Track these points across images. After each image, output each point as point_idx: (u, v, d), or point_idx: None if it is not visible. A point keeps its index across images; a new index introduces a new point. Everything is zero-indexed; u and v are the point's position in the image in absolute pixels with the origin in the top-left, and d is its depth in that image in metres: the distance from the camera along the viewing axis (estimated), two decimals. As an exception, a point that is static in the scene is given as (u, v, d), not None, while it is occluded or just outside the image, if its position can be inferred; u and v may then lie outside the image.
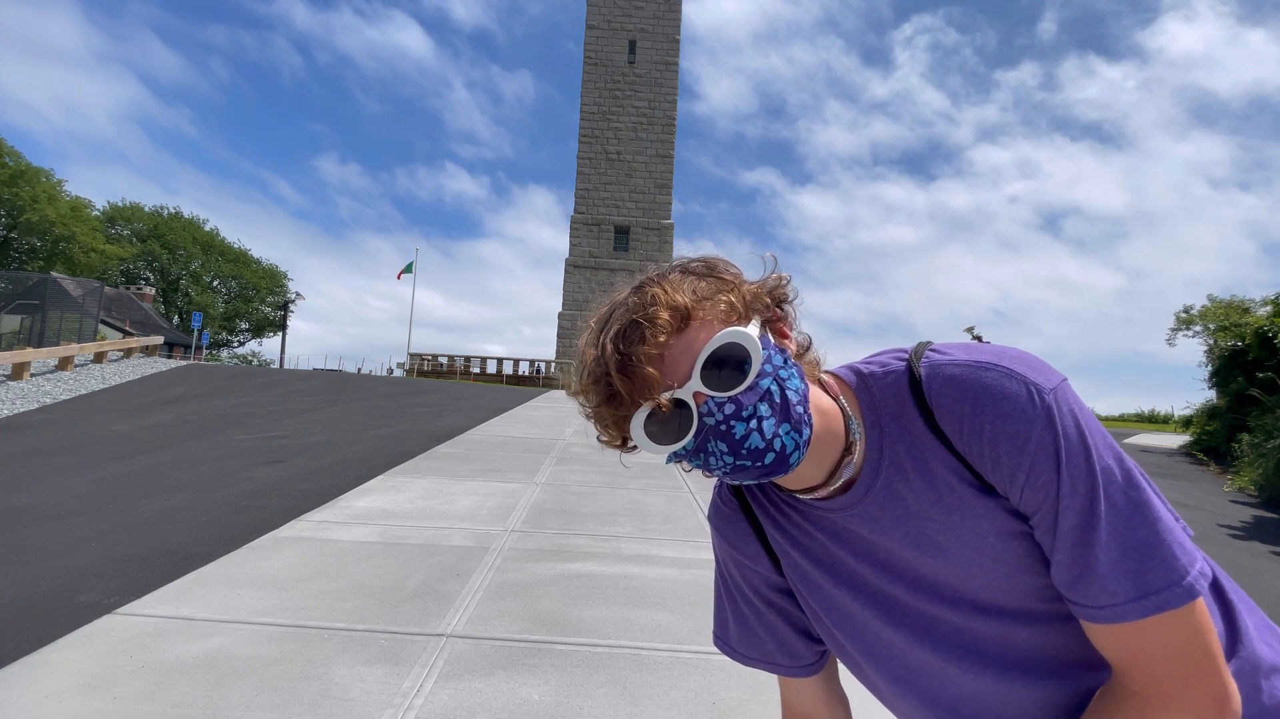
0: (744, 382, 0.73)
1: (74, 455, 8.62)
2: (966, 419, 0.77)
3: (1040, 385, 0.75)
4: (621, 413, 0.76)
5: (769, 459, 0.74)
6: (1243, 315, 13.60)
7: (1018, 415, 0.74)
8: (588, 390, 0.78)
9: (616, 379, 0.74)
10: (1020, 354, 0.79)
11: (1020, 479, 0.75)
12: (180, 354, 36.30)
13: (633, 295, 0.78)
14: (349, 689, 2.76)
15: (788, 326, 0.82)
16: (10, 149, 43.64)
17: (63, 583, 4.08)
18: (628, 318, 0.75)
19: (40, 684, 2.76)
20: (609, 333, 0.76)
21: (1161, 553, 0.73)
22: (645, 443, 0.76)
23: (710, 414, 0.74)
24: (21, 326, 19.31)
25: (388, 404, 13.87)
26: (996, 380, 0.76)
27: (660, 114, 49.59)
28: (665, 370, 0.74)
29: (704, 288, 0.77)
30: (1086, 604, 0.75)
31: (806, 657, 0.98)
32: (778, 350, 0.78)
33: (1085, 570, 0.74)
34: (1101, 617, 0.74)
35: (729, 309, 0.77)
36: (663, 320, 0.73)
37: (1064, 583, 0.76)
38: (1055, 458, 0.74)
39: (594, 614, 3.66)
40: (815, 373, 0.84)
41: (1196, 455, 13.02)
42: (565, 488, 6.84)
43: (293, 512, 5.61)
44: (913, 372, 0.82)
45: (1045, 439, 0.74)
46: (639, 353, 0.73)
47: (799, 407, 0.76)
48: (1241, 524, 7.93)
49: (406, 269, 44.07)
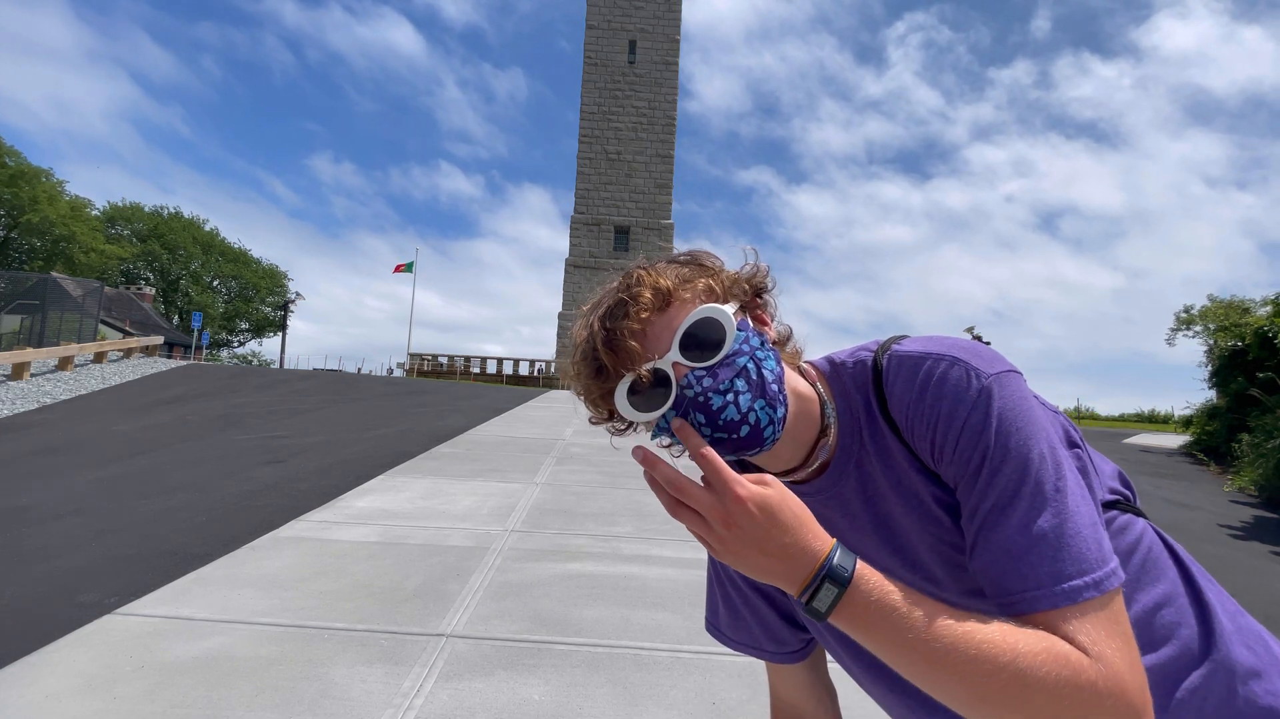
0: (719, 354, 0.78)
1: (74, 455, 8.62)
2: (911, 405, 0.81)
3: (981, 371, 0.79)
4: (607, 386, 0.81)
5: (744, 432, 0.78)
6: (1243, 315, 13.59)
7: (953, 397, 0.78)
8: (578, 368, 0.83)
9: (602, 352, 0.79)
10: (973, 344, 0.83)
11: (947, 455, 0.78)
12: (180, 354, 36.29)
13: (621, 280, 0.84)
14: (349, 689, 2.76)
15: (767, 315, 0.88)
16: (10, 149, 43.66)
17: (63, 583, 4.08)
18: (615, 298, 0.82)
19: (40, 684, 2.76)
20: (597, 313, 0.82)
21: (1075, 544, 0.72)
22: (628, 410, 0.80)
23: (690, 386, 0.78)
24: (21, 326, 19.31)
25: (388, 404, 13.86)
26: (941, 368, 0.80)
27: (660, 114, 49.58)
28: (647, 345, 0.79)
29: (686, 273, 0.84)
30: (1005, 594, 0.73)
31: (792, 643, 1.02)
32: (755, 333, 0.82)
33: (1000, 554, 0.73)
34: (1017, 605, 0.72)
35: (708, 291, 0.83)
36: (645, 299, 0.79)
37: (980, 569, 0.76)
38: (980, 437, 0.76)
39: (594, 614, 3.66)
40: (795, 362, 0.90)
41: (1196, 455, 13.02)
42: (565, 488, 6.83)
43: (293, 512, 5.61)
44: (876, 363, 0.87)
45: (974, 419, 0.77)
46: (622, 327, 0.79)
47: (774, 385, 0.80)
48: (1241, 524, 7.93)
49: (407, 266, 44.04)
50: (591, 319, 0.82)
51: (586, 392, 0.83)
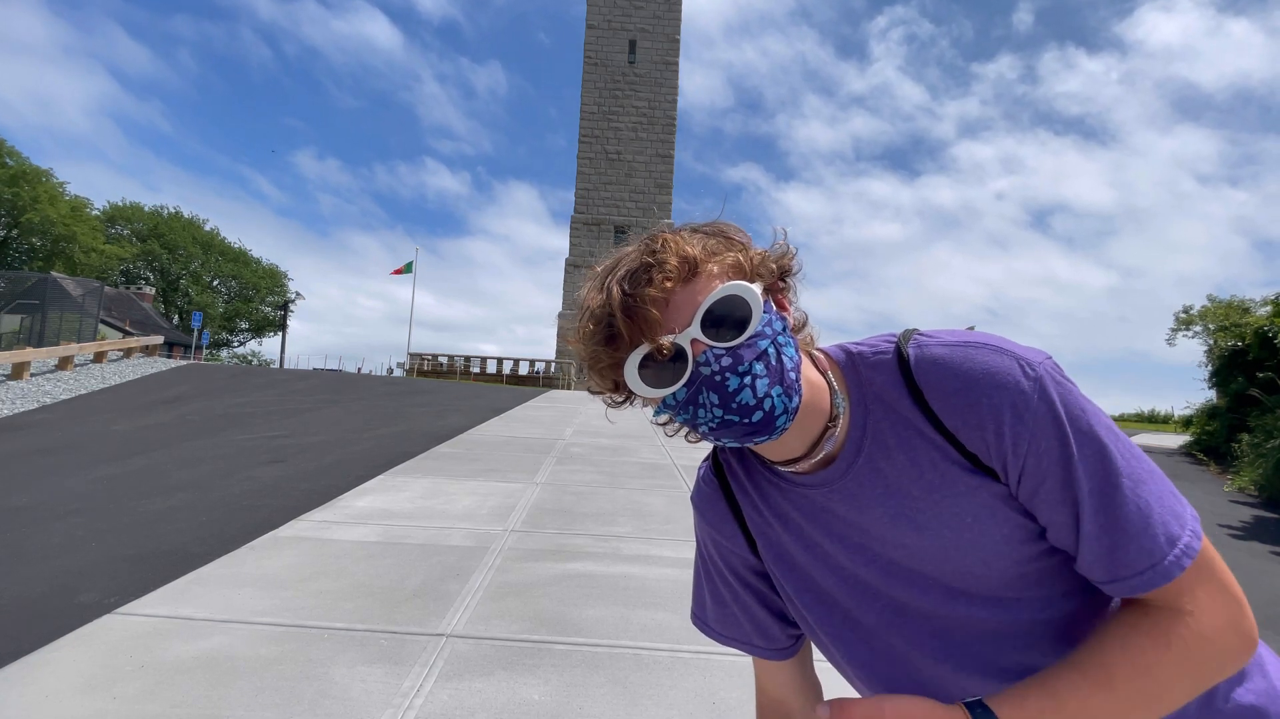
0: (743, 336, 0.74)
1: (74, 455, 8.62)
2: (958, 395, 0.78)
3: (1029, 359, 0.77)
4: (618, 355, 0.76)
5: (756, 417, 0.75)
6: (1243, 315, 13.58)
7: (1012, 388, 0.75)
8: (587, 333, 0.78)
9: (620, 319, 0.74)
10: (1003, 338, 0.82)
11: (1023, 448, 0.75)
12: (180, 354, 36.27)
13: (644, 243, 0.79)
14: (349, 689, 2.76)
15: (787, 299, 0.84)
16: (10, 149, 43.65)
17: (63, 583, 4.08)
18: (638, 260, 0.76)
19: (40, 684, 2.76)
20: (615, 275, 0.77)
21: (1171, 503, 0.75)
22: (638, 385, 0.76)
23: (707, 364, 0.74)
24: (21, 326, 19.30)
25: (388, 404, 13.86)
26: (987, 357, 0.78)
27: (660, 114, 49.60)
28: (668, 315, 0.75)
29: (714, 244, 0.79)
30: (1126, 574, 0.74)
31: (781, 640, 1.00)
32: (778, 317, 0.79)
33: (1120, 534, 0.74)
34: (1142, 583, 0.74)
35: (736, 267, 0.78)
36: (671, 266, 0.75)
37: (1098, 555, 0.75)
38: (1058, 424, 0.74)
39: (594, 614, 3.66)
40: (808, 348, 0.86)
41: (1196, 455, 13.01)
42: (565, 488, 6.83)
43: (293, 511, 5.61)
44: (901, 353, 0.83)
45: (1042, 409, 0.75)
46: (644, 294, 0.74)
47: (793, 373, 0.77)
48: (1241, 524, 7.93)
49: (406, 268, 44.00)
50: (609, 281, 0.77)
51: (593, 359, 0.78)
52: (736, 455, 0.97)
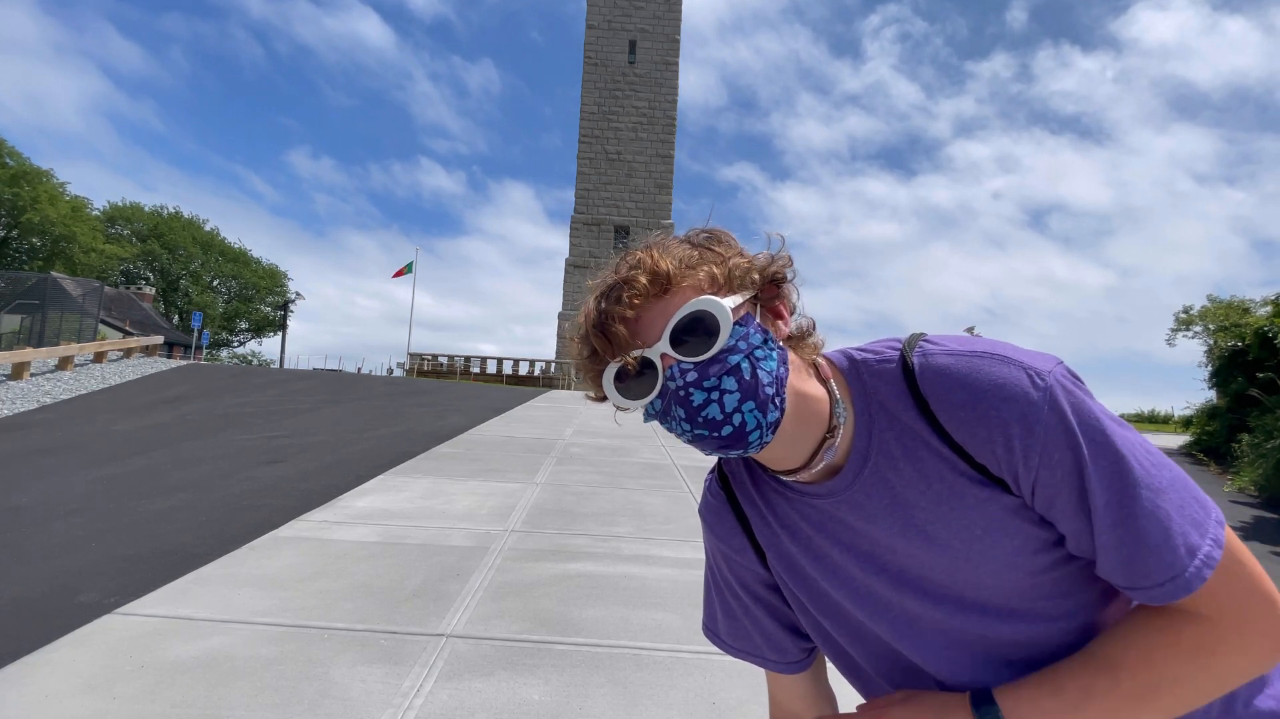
0: (709, 351, 0.75)
1: (74, 455, 8.62)
2: (965, 408, 0.76)
3: (1037, 368, 0.75)
4: (598, 368, 0.80)
5: (725, 432, 0.75)
6: (1243, 315, 13.59)
7: (1021, 399, 0.74)
8: (577, 348, 0.82)
9: (593, 336, 0.78)
10: (1011, 345, 0.80)
11: (1034, 461, 0.74)
12: (180, 354, 36.25)
13: (623, 259, 0.82)
14: (349, 689, 2.76)
15: (785, 307, 0.83)
16: (11, 149, 43.64)
17: (63, 583, 4.08)
18: (612, 280, 0.80)
19: (40, 684, 2.76)
20: (596, 293, 0.81)
21: (1193, 511, 0.73)
22: (614, 395, 0.79)
23: (673, 379, 0.76)
24: (21, 326, 19.31)
25: (388, 404, 13.86)
26: (994, 367, 0.76)
27: (660, 114, 49.58)
28: (638, 331, 0.77)
29: (693, 257, 0.79)
30: (1146, 584, 0.73)
31: (793, 653, 0.98)
32: (759, 330, 0.78)
33: (1138, 546, 0.72)
34: (1162, 595, 0.73)
35: (710, 280, 0.78)
36: (640, 284, 0.76)
37: (1116, 565, 0.74)
38: (1069, 435, 0.73)
39: (594, 614, 3.66)
40: (813, 356, 0.84)
41: (1196, 455, 13.01)
42: (565, 488, 6.83)
43: (293, 512, 5.61)
44: (906, 361, 0.81)
45: (1052, 419, 0.73)
46: (614, 312, 0.77)
47: (769, 388, 0.75)
48: (1241, 524, 7.93)
49: (406, 269, 44.01)
50: (590, 299, 0.81)
51: (584, 370, 0.82)
52: (743, 465, 0.96)
